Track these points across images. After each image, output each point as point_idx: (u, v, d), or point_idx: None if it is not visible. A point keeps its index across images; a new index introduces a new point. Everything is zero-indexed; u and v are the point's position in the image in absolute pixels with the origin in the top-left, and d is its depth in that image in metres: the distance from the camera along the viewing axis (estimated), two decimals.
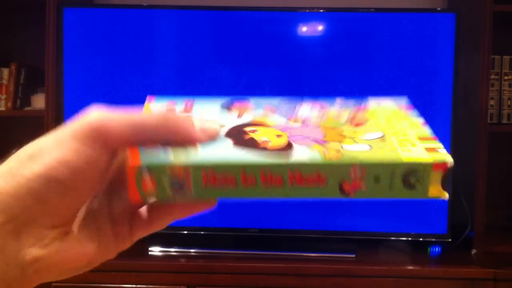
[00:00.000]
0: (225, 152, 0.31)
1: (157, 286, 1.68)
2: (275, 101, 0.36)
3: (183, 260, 1.74)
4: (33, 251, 0.28)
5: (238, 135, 0.33)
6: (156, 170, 0.30)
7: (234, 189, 0.30)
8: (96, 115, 0.29)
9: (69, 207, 0.29)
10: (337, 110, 0.35)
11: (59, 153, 0.28)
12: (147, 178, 0.30)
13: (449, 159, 0.32)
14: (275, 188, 0.31)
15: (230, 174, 0.30)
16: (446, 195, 0.32)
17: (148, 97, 0.36)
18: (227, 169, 0.30)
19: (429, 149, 0.33)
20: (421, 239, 1.82)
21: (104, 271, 1.67)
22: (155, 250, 1.78)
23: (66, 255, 0.29)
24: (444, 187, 0.32)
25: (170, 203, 0.33)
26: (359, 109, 0.35)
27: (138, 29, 1.82)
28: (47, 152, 0.28)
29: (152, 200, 0.31)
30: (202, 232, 1.83)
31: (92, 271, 0.33)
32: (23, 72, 1.96)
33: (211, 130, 0.32)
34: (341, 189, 0.31)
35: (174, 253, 1.78)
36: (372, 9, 1.85)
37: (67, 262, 0.30)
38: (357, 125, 0.34)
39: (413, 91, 1.80)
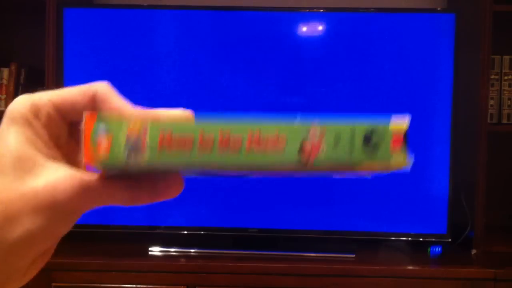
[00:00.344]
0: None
1: (157, 286, 1.68)
2: None
3: (183, 260, 1.74)
4: (12, 285, 0.32)
5: None
6: (113, 125, 0.30)
7: (189, 154, 0.30)
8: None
9: (39, 252, 0.33)
10: None
11: (38, 222, 0.30)
12: (103, 137, 0.30)
13: (406, 119, 0.31)
14: (231, 153, 0.30)
15: (188, 134, 0.30)
16: (409, 163, 0.31)
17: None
18: (186, 128, 0.30)
19: None
20: (421, 239, 1.82)
21: (104, 271, 1.67)
22: (155, 250, 1.78)
23: (30, 278, 0.34)
24: (406, 153, 0.32)
25: (124, 174, 0.32)
26: None
27: (138, 29, 1.82)
28: (26, 219, 0.30)
29: (104, 167, 0.30)
30: (202, 232, 1.83)
31: (92, 271, 0.35)
32: (23, 72, 1.96)
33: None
34: (301, 153, 0.31)
35: (174, 253, 1.78)
36: (372, 9, 1.85)
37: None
38: None
39: (413, 91, 1.80)
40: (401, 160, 0.31)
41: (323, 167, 0.31)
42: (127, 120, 0.30)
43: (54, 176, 0.31)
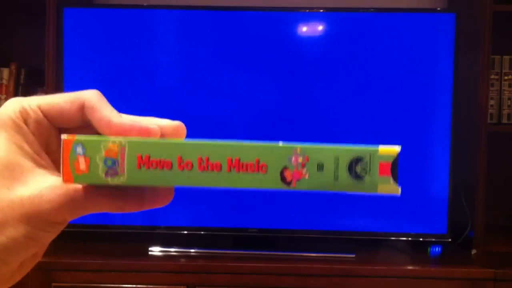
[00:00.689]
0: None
1: (157, 286, 1.68)
2: None
3: (183, 260, 1.74)
4: None
5: None
6: (91, 146, 0.30)
7: (169, 173, 0.30)
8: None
9: (25, 258, 0.33)
10: None
11: (23, 231, 0.31)
12: (80, 158, 0.30)
13: (396, 147, 0.30)
14: (211, 173, 0.30)
15: (166, 158, 0.30)
16: (398, 190, 0.30)
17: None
18: (164, 148, 0.30)
19: None
20: (421, 239, 1.82)
21: (104, 271, 1.67)
22: (155, 250, 1.78)
23: (17, 280, 0.34)
24: (396, 181, 0.30)
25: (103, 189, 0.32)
26: None
27: (138, 29, 1.82)
28: (12, 227, 0.31)
29: (83, 184, 0.31)
30: (202, 232, 1.83)
31: (92, 271, 0.35)
32: (23, 72, 1.96)
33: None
34: (283, 178, 0.30)
35: (174, 253, 1.78)
36: (372, 9, 1.85)
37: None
38: None
39: (413, 91, 1.80)
40: (389, 188, 0.30)
41: (308, 188, 0.30)
42: (104, 142, 0.30)
43: (41, 185, 0.31)
